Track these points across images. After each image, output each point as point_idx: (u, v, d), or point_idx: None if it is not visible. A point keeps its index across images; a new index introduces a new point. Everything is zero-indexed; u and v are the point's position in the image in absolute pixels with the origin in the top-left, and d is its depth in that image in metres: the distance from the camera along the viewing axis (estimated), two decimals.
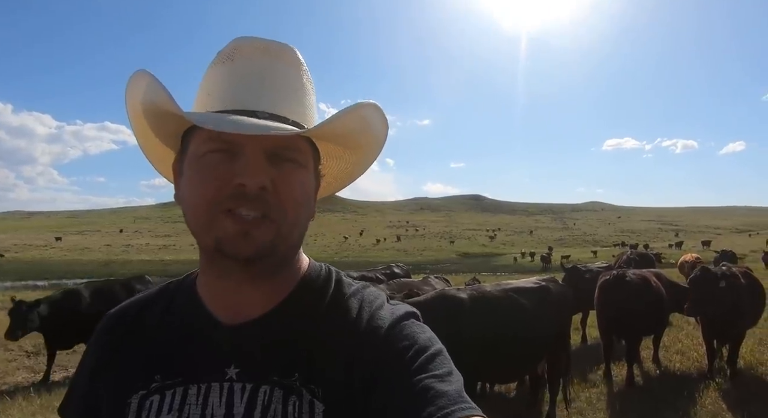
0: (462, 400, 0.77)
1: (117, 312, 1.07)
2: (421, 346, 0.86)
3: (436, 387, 0.78)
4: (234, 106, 0.88)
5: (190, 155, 0.89)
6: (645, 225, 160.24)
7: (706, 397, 6.41)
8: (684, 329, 10.35)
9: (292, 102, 0.93)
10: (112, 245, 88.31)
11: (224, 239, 0.84)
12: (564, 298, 5.68)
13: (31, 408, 6.50)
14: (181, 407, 0.87)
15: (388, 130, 1.00)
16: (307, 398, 0.85)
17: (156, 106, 0.88)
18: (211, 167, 0.85)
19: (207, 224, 0.86)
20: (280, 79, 0.93)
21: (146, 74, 0.87)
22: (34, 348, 10.00)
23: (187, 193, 0.89)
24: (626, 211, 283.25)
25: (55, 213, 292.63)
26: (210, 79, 0.94)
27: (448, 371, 0.83)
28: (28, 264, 56.06)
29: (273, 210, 0.85)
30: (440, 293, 5.06)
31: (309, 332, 0.91)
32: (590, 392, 6.80)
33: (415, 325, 0.92)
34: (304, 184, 0.91)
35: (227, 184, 0.83)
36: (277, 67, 0.93)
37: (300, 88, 0.95)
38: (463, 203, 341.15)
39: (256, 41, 0.93)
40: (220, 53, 0.94)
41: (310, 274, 1.01)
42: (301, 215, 0.91)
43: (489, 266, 51.82)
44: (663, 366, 8.06)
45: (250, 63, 0.92)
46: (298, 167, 0.89)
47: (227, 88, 0.91)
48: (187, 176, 0.90)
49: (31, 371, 8.67)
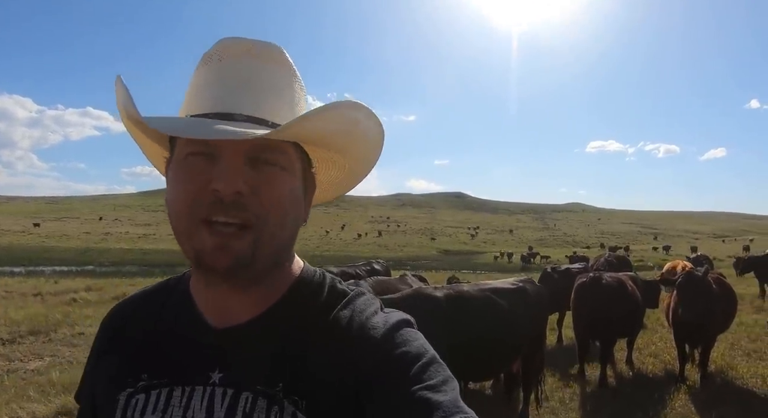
0: (458, 410, 0.76)
1: (118, 307, 1.08)
2: (414, 355, 0.84)
3: (432, 398, 0.76)
4: (214, 108, 0.87)
5: (175, 158, 0.89)
6: (625, 228, 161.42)
7: (676, 399, 6.53)
8: (658, 332, 10.48)
9: (275, 103, 0.91)
10: (91, 233, 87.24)
11: (202, 251, 0.83)
12: (541, 299, 5.74)
13: (6, 396, 6.43)
14: (165, 408, 0.87)
15: (382, 131, 0.96)
16: (289, 409, 0.83)
17: (130, 113, 0.87)
18: (190, 171, 0.84)
19: (186, 234, 0.85)
20: (265, 81, 0.91)
21: (118, 82, 0.87)
22: (10, 336, 9.92)
23: (171, 197, 0.88)
24: (607, 213, 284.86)
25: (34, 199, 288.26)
26: (194, 82, 0.93)
27: (443, 379, 0.81)
28: (5, 250, 55.27)
29: (252, 216, 0.83)
30: (415, 291, 5.07)
31: (297, 339, 0.90)
32: (563, 392, 6.89)
33: (408, 333, 0.90)
34: (288, 188, 0.88)
35: (204, 189, 0.82)
36: (261, 68, 0.91)
37: (286, 88, 0.93)
38: (446, 200, 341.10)
39: (241, 42, 0.92)
40: (205, 55, 0.93)
41: (303, 279, 0.99)
42: (286, 219, 0.88)
43: (469, 263, 51.99)
44: (636, 368, 8.18)
45: (234, 64, 0.90)
46: (281, 171, 0.87)
47: (209, 91, 0.90)
48: (171, 179, 0.89)
49: (6, 359, 8.55)
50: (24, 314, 11.84)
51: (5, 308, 12.69)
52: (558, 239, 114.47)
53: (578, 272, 10.37)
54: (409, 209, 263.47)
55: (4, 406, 6.13)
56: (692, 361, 8.01)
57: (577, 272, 10.52)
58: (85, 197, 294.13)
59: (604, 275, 7.91)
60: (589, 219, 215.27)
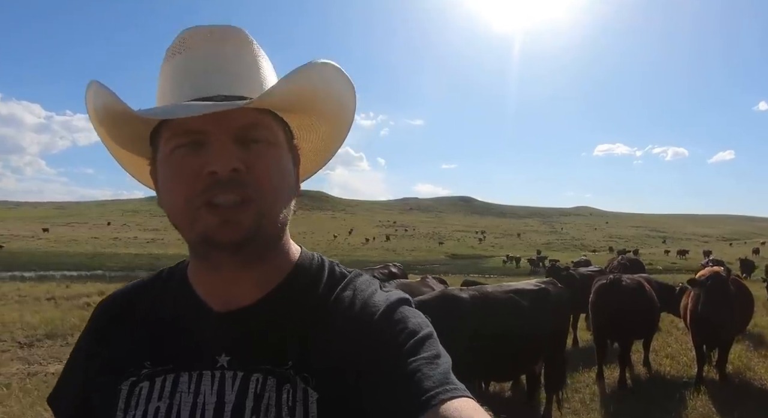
0: (448, 382, 0.77)
1: (110, 299, 1.07)
2: (412, 330, 0.85)
3: (424, 370, 0.78)
4: (190, 96, 0.87)
5: (160, 157, 0.89)
6: (633, 231, 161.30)
7: (696, 400, 6.54)
8: (673, 334, 10.51)
9: (247, 81, 0.92)
10: (100, 238, 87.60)
11: (208, 230, 0.83)
12: (562, 300, 5.78)
13: (29, 399, 6.49)
14: (172, 395, 0.87)
15: (353, 91, 0.97)
16: (300, 386, 0.85)
17: (108, 111, 0.88)
18: (181, 163, 0.85)
19: (189, 222, 0.85)
20: (232, 62, 0.92)
21: (92, 83, 0.87)
22: (27, 339, 10.00)
23: (165, 195, 0.89)
24: (614, 216, 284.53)
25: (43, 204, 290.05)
26: (163, 76, 0.94)
27: (435, 353, 0.82)
28: (16, 255, 55.54)
29: (250, 190, 0.84)
30: (442, 292, 5.15)
31: (301, 319, 0.91)
32: (583, 393, 6.92)
33: (407, 310, 0.91)
34: (279, 161, 0.90)
35: (199, 176, 0.82)
36: (225, 50, 0.92)
37: (253, 64, 0.94)
38: (453, 205, 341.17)
39: (200, 29, 0.92)
40: (168, 49, 0.94)
41: (303, 262, 1.00)
42: (281, 192, 0.90)
43: (478, 267, 51.83)
44: (653, 370, 8.21)
45: (198, 52, 0.91)
46: (269, 146, 0.88)
47: (181, 82, 0.90)
48: (161, 178, 0.90)
49: (25, 362, 8.63)
50: (40, 318, 11.93)
51: (21, 313, 12.76)
52: (566, 242, 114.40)
53: (592, 274, 10.41)
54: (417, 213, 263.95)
55: (28, 409, 6.20)
56: (709, 362, 8.01)
57: (590, 274, 10.56)
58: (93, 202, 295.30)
59: (623, 276, 7.94)
60: (597, 223, 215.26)
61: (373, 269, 10.31)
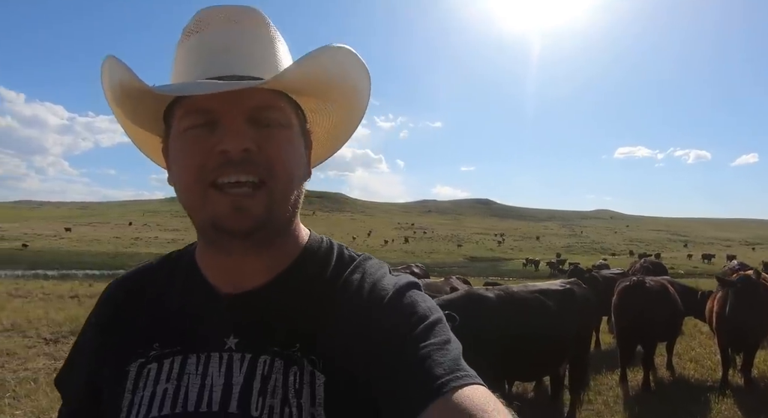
0: (459, 368, 0.76)
1: (118, 282, 1.07)
2: (421, 315, 0.84)
3: (433, 356, 0.77)
4: (204, 76, 0.87)
5: (173, 135, 0.89)
6: (654, 235, 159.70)
7: (721, 403, 6.49)
8: (696, 338, 10.42)
9: (263, 61, 0.92)
10: (121, 238, 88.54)
11: (218, 215, 0.83)
12: (588, 301, 5.77)
13: (56, 394, 6.52)
14: (180, 376, 0.88)
15: (368, 77, 0.96)
16: (308, 369, 0.85)
17: (124, 87, 0.88)
18: (193, 141, 0.85)
19: (199, 201, 0.85)
20: (247, 42, 0.91)
21: (108, 59, 0.87)
22: (53, 336, 10.11)
23: (176, 172, 0.89)
24: (635, 220, 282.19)
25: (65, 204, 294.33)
26: (178, 57, 0.94)
27: (446, 339, 0.82)
28: (39, 253, 56.30)
29: (263, 171, 0.84)
30: (468, 292, 5.17)
31: (310, 302, 0.91)
32: (606, 396, 6.89)
33: (417, 294, 0.90)
34: (291, 143, 0.90)
35: (211, 154, 0.82)
36: (241, 30, 0.92)
37: (269, 45, 0.94)
38: (472, 207, 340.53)
39: (217, 9, 0.92)
40: (185, 29, 0.94)
41: (312, 245, 1.00)
42: (293, 175, 0.89)
43: (497, 270, 51.70)
44: (677, 373, 8.15)
45: (214, 32, 0.91)
46: (282, 128, 0.88)
47: (196, 61, 0.90)
48: (172, 156, 0.90)
49: (51, 358, 8.71)
50: (64, 315, 12.05)
51: (46, 310, 12.91)
52: (586, 246, 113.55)
53: (615, 276, 10.34)
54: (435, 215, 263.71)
55: (56, 402, 6.24)
56: (733, 366, 7.93)
57: (613, 276, 10.49)
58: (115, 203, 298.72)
59: (647, 278, 7.89)
60: (617, 226, 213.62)
61: (396, 269, 10.32)
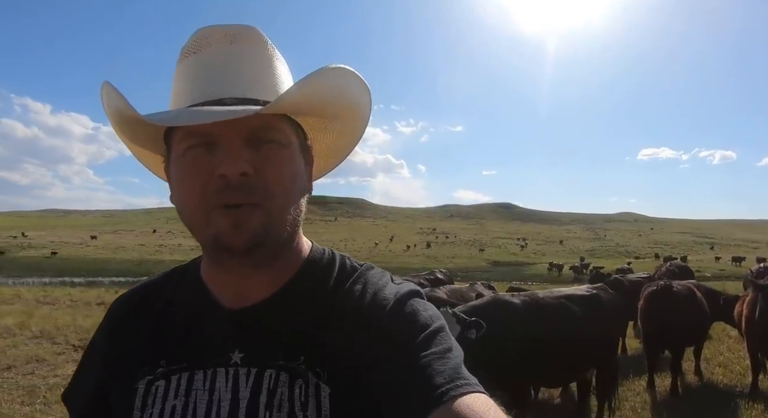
0: (459, 377, 0.77)
1: (124, 298, 1.08)
2: (422, 324, 0.85)
3: (434, 365, 0.78)
4: (201, 98, 0.88)
5: (173, 157, 0.90)
6: (679, 237, 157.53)
7: (751, 409, 6.41)
8: (725, 342, 10.29)
9: (261, 82, 0.92)
10: (146, 245, 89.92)
11: (218, 234, 0.84)
12: (614, 306, 5.75)
13: None
14: (188, 392, 0.89)
15: (368, 94, 0.97)
16: (313, 381, 0.86)
17: (121, 114, 0.88)
18: (193, 164, 0.85)
19: (203, 222, 0.86)
20: (246, 63, 0.91)
21: (105, 86, 0.88)
22: (80, 342, 10.24)
23: (178, 195, 0.90)
24: (660, 222, 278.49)
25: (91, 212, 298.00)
26: (177, 77, 0.94)
27: (447, 347, 0.82)
28: (65, 261, 57.16)
29: (260, 195, 0.84)
30: (494, 298, 5.18)
31: (313, 314, 0.91)
32: (634, 401, 6.84)
33: (418, 303, 0.91)
34: (291, 163, 0.90)
35: (210, 178, 0.83)
36: (240, 51, 0.92)
37: (268, 66, 0.94)
38: (494, 211, 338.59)
39: (215, 29, 0.92)
40: (183, 49, 0.94)
41: (314, 257, 1.01)
42: (291, 194, 0.90)
43: (520, 275, 51.36)
44: (705, 378, 8.07)
45: (212, 52, 0.91)
46: (281, 148, 0.88)
47: (193, 82, 0.91)
48: (174, 177, 0.91)
49: None
50: (92, 322, 12.18)
51: (73, 317, 13.06)
52: (610, 249, 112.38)
53: (641, 280, 10.25)
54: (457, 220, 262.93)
55: None
56: (763, 371, 7.82)
57: (638, 280, 10.39)
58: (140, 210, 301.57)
59: (674, 282, 7.83)
60: (642, 229, 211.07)
61: (418, 275, 10.33)
